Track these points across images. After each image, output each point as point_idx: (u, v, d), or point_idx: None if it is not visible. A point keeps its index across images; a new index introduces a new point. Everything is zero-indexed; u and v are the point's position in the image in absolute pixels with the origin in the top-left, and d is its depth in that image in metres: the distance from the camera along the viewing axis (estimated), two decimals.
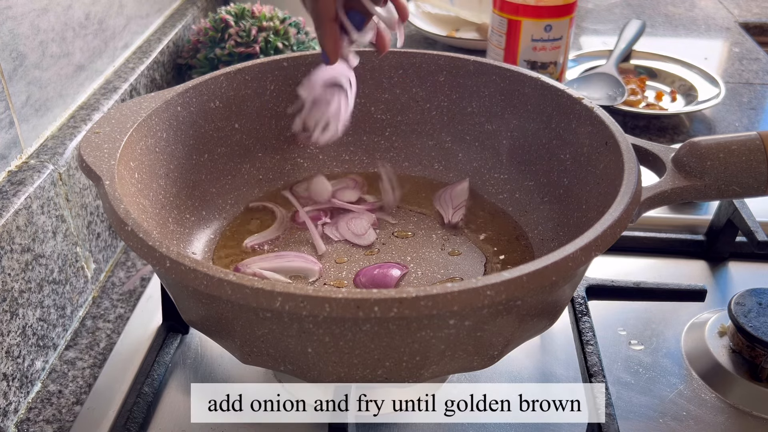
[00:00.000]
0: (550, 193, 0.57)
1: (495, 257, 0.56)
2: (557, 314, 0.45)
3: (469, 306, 0.35)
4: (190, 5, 0.95)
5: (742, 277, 0.65)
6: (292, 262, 0.54)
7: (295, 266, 0.54)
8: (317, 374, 0.40)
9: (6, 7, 0.53)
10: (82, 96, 0.66)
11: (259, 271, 0.52)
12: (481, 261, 0.56)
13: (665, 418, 0.51)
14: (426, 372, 0.40)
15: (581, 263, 0.38)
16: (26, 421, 0.51)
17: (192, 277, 0.36)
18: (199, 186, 0.57)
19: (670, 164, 0.49)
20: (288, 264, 0.54)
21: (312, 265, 0.54)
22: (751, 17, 1.31)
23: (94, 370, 0.55)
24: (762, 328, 0.52)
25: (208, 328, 0.43)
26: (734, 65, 1.10)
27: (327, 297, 0.34)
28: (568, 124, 0.54)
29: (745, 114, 0.94)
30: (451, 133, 0.64)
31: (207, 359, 0.55)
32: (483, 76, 0.60)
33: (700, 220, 0.70)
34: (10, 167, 0.55)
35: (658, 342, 0.57)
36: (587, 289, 0.58)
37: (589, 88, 0.92)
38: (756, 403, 0.52)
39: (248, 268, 0.53)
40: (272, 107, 0.61)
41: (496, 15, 0.89)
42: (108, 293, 0.63)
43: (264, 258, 0.55)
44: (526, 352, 0.55)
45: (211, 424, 0.50)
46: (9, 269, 0.50)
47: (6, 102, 0.53)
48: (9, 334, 0.50)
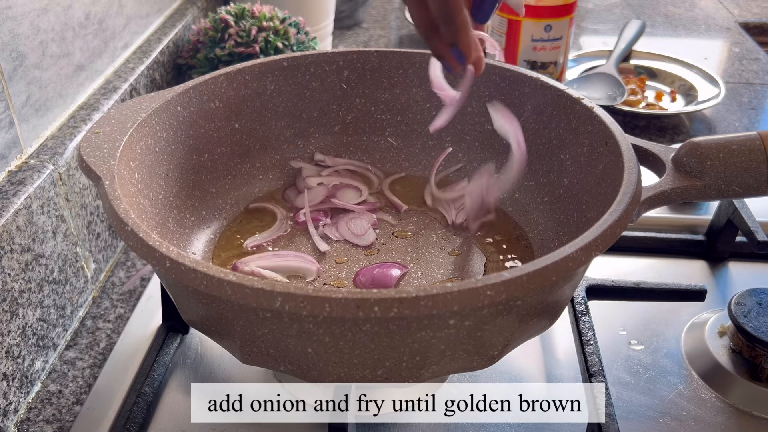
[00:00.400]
0: (550, 193, 0.57)
1: (495, 257, 0.56)
2: (557, 314, 0.45)
3: (469, 306, 0.35)
4: (190, 5, 0.95)
5: (742, 277, 0.65)
6: (290, 262, 0.54)
7: (293, 265, 0.54)
8: (317, 374, 0.40)
9: (6, 7, 0.53)
10: (82, 96, 0.66)
11: (257, 270, 0.52)
12: (481, 261, 0.56)
13: (665, 418, 0.51)
14: (426, 372, 0.40)
15: (581, 263, 0.38)
16: (26, 421, 0.51)
17: (192, 277, 0.36)
18: (199, 186, 0.57)
19: (670, 164, 0.48)
20: (286, 263, 0.54)
21: (310, 264, 0.54)
22: (751, 17, 1.31)
23: (94, 370, 0.55)
24: (762, 328, 0.52)
25: (208, 328, 0.43)
26: (734, 65, 1.10)
27: (327, 297, 0.34)
28: (568, 124, 0.54)
29: (745, 114, 0.94)
30: (451, 133, 0.64)
31: (207, 359, 0.55)
32: (483, 76, 0.60)
33: (700, 220, 0.70)
34: (10, 167, 0.55)
35: (658, 342, 0.57)
36: (587, 289, 0.58)
37: (589, 88, 0.92)
38: (756, 403, 0.52)
39: (246, 266, 0.53)
40: (272, 107, 0.61)
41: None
42: (108, 293, 0.63)
43: (262, 257, 0.55)
44: (526, 352, 0.55)
45: (211, 424, 0.50)
46: (9, 269, 0.50)
47: (6, 102, 0.53)
48: (9, 334, 0.50)
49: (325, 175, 0.63)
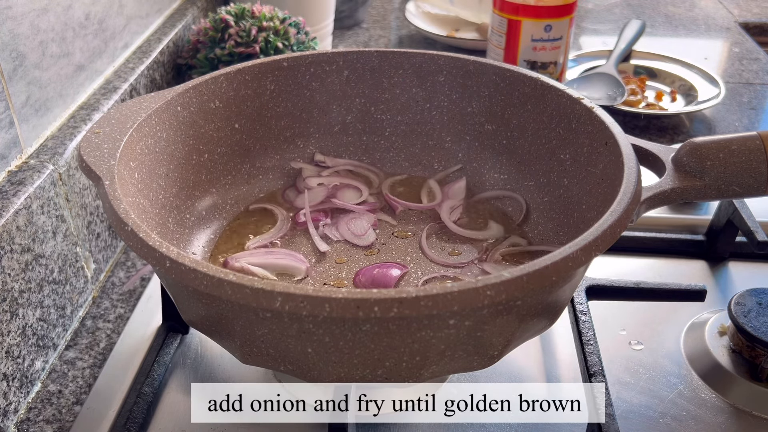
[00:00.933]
0: (550, 193, 0.57)
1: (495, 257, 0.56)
2: (557, 314, 0.45)
3: (469, 306, 0.35)
4: (190, 5, 0.95)
5: (742, 277, 0.65)
6: (279, 260, 0.54)
7: (283, 263, 0.54)
8: (317, 374, 0.40)
9: (6, 7, 0.53)
10: (82, 96, 0.66)
11: (247, 266, 0.53)
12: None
13: (665, 418, 0.51)
14: (426, 372, 0.40)
15: (581, 263, 0.38)
16: (26, 421, 0.51)
17: (192, 277, 0.36)
18: (199, 186, 0.57)
19: (670, 164, 0.48)
20: (276, 261, 0.54)
21: (299, 263, 0.54)
22: (751, 17, 1.31)
23: (94, 370, 0.55)
24: (762, 328, 0.52)
25: (208, 328, 0.43)
26: (734, 65, 1.10)
27: (327, 297, 0.34)
28: (568, 124, 0.54)
29: (745, 114, 0.94)
30: (451, 133, 0.64)
31: (207, 359, 0.55)
32: (483, 76, 0.60)
33: (700, 220, 0.70)
34: (10, 167, 0.55)
35: (658, 342, 0.57)
36: (587, 289, 0.58)
37: (589, 88, 0.92)
38: (756, 403, 0.52)
39: (237, 262, 0.53)
40: (272, 107, 0.61)
41: (496, 15, 0.89)
42: (108, 293, 0.63)
43: (253, 253, 0.55)
44: (526, 352, 0.55)
45: (211, 424, 0.50)
46: (9, 269, 0.50)
47: (6, 102, 0.53)
48: (9, 334, 0.50)
49: (325, 176, 0.63)
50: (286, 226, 0.59)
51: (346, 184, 0.63)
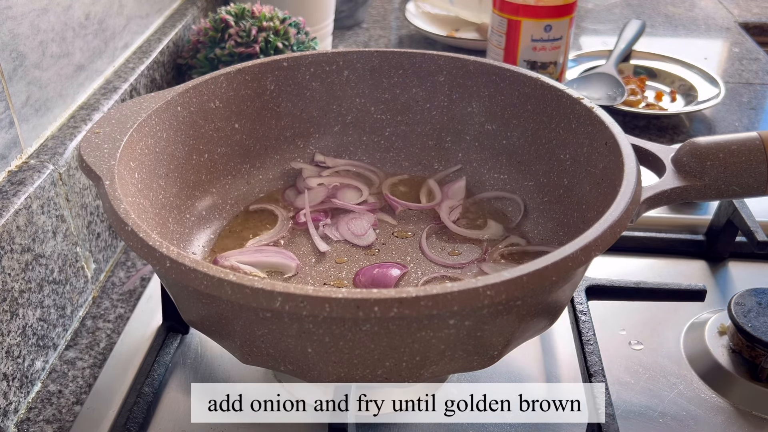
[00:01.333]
0: (550, 193, 0.57)
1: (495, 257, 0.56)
2: (557, 314, 0.45)
3: (469, 306, 0.35)
4: (190, 5, 0.95)
5: (742, 277, 0.65)
6: (269, 257, 0.54)
7: (273, 261, 0.54)
8: (317, 374, 0.40)
9: (6, 7, 0.53)
10: (82, 96, 0.66)
11: (236, 264, 0.53)
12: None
13: (665, 418, 0.51)
14: (426, 372, 0.40)
15: (581, 263, 0.38)
16: (26, 421, 0.51)
17: (192, 277, 0.36)
18: (199, 186, 0.57)
19: (670, 164, 0.49)
20: (265, 259, 0.54)
21: (289, 261, 0.54)
22: (751, 17, 1.31)
23: (94, 370, 0.55)
24: (762, 328, 0.52)
25: (208, 328, 0.43)
26: (734, 65, 1.10)
27: (327, 297, 0.34)
28: (567, 124, 0.54)
29: (745, 114, 0.94)
30: (451, 133, 0.64)
31: (207, 359, 0.55)
32: (483, 76, 0.60)
33: (700, 220, 0.70)
34: (10, 167, 0.55)
35: (658, 342, 0.57)
36: (587, 289, 0.58)
37: (589, 88, 0.92)
38: (756, 403, 0.52)
39: (227, 260, 0.53)
40: (272, 107, 0.61)
41: (495, 15, 0.89)
42: (108, 293, 0.63)
43: (243, 251, 0.55)
44: (526, 352, 0.55)
45: (211, 424, 0.50)
46: (9, 269, 0.50)
47: (6, 102, 0.53)
48: (9, 334, 0.50)
49: (326, 176, 0.63)
50: (286, 226, 0.59)
51: (346, 184, 0.63)
